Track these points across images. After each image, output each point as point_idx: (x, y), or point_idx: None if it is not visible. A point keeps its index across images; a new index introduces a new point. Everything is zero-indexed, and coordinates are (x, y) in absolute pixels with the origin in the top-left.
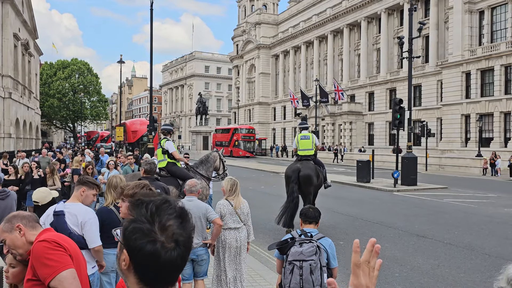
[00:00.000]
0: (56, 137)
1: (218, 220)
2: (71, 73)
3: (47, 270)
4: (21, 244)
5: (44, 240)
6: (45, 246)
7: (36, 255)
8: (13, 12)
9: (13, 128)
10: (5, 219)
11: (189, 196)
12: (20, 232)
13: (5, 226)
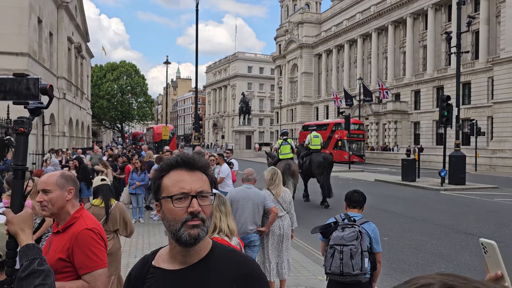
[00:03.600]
0: (105, 137)
1: (274, 208)
2: (119, 75)
3: (87, 261)
4: (60, 205)
5: (92, 229)
6: (92, 237)
7: (81, 243)
8: (67, 17)
9: (67, 127)
10: (61, 174)
11: (247, 184)
12: (68, 195)
13: (60, 181)
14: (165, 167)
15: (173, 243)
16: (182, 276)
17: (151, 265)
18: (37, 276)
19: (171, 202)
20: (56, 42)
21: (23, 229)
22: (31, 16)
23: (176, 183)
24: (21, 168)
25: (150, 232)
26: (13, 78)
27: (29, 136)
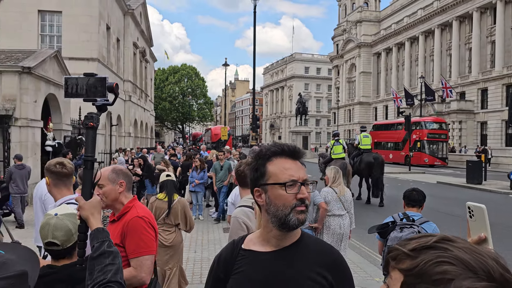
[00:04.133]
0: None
1: (323, 204)
2: (180, 78)
3: (135, 247)
4: (113, 198)
5: (142, 217)
6: (142, 225)
7: (133, 229)
8: (133, 23)
9: (132, 128)
10: (113, 170)
11: None
12: (120, 188)
13: (111, 175)
14: (268, 154)
15: (269, 227)
16: (276, 257)
17: (241, 248)
18: (107, 256)
19: (281, 189)
20: (122, 47)
21: (93, 214)
22: (100, 24)
23: (284, 170)
24: (90, 159)
25: (209, 229)
26: (84, 77)
27: (98, 136)
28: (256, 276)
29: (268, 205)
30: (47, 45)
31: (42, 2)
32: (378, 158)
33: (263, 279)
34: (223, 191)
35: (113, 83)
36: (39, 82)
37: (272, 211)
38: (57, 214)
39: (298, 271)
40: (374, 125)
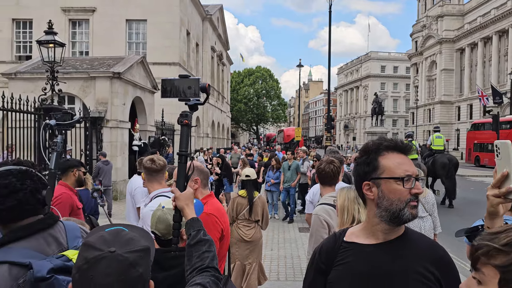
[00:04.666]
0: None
1: None
2: (255, 80)
3: None
4: None
5: (209, 214)
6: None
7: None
8: (211, 28)
9: (210, 129)
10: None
11: None
12: (195, 185)
13: None
14: (381, 148)
15: (376, 221)
16: (381, 249)
17: (343, 240)
18: (203, 244)
19: (396, 183)
20: (201, 51)
21: (188, 205)
22: (181, 30)
23: (399, 165)
24: (184, 154)
25: (284, 228)
26: (179, 79)
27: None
28: (360, 268)
29: (381, 199)
30: (133, 52)
31: (129, 12)
32: (453, 160)
33: (367, 271)
34: (292, 193)
35: (205, 84)
36: (127, 86)
37: (385, 205)
38: (164, 207)
39: (405, 265)
40: (473, 124)
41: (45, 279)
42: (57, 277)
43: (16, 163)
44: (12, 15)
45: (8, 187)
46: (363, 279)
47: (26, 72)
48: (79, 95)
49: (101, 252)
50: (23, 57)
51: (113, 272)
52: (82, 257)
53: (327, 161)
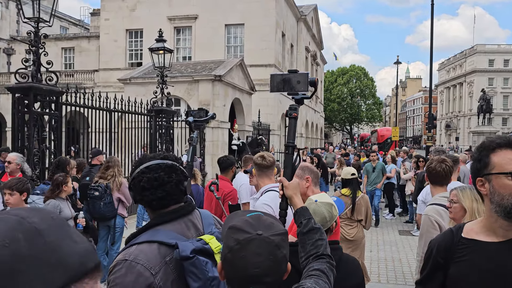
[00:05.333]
0: (335, 138)
1: None
2: (349, 79)
3: None
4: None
5: None
6: None
7: None
8: (305, 29)
9: (304, 129)
10: (300, 166)
11: None
12: (306, 183)
13: (298, 172)
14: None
15: (494, 217)
16: (505, 248)
17: (462, 237)
18: (315, 232)
19: (506, 178)
20: (296, 52)
21: (296, 194)
22: (277, 32)
23: (510, 161)
24: (291, 145)
25: (383, 230)
26: (287, 74)
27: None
28: (486, 265)
29: (492, 194)
30: (231, 55)
31: (228, 17)
32: None
33: (494, 269)
34: (377, 194)
35: (314, 78)
36: (227, 88)
37: (497, 200)
38: (316, 200)
39: None
40: None
41: (188, 258)
42: (198, 257)
43: (163, 158)
44: (126, 26)
45: (158, 180)
46: (488, 277)
47: (138, 78)
48: (184, 97)
49: (250, 234)
50: (135, 63)
51: (263, 252)
52: (232, 239)
53: (438, 160)
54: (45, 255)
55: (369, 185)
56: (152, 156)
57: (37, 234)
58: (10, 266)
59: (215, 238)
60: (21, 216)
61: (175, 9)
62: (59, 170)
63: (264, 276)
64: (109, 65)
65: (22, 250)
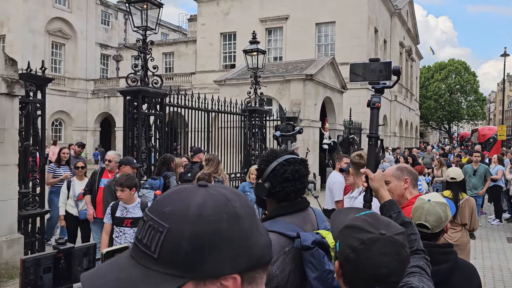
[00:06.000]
0: (432, 138)
1: None
2: (447, 74)
3: None
4: (399, 193)
5: None
6: None
7: None
8: (399, 23)
9: (397, 128)
10: (398, 167)
11: None
12: (405, 185)
13: (396, 173)
14: None
15: None
16: None
17: None
18: (407, 226)
19: None
20: (389, 48)
21: (382, 186)
22: (369, 28)
23: None
24: (374, 136)
25: (489, 236)
26: (368, 63)
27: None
28: None
29: None
30: (322, 54)
31: (319, 16)
32: None
33: None
34: (478, 203)
35: (398, 67)
36: (318, 87)
37: None
38: (430, 200)
39: None
40: None
41: (309, 248)
42: (318, 248)
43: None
44: (221, 30)
45: (298, 173)
46: None
47: (233, 79)
48: (276, 97)
49: (373, 234)
50: (228, 65)
51: (389, 252)
52: (354, 238)
53: None
54: (239, 240)
55: (468, 190)
56: (283, 151)
57: (237, 218)
58: (212, 241)
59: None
60: (227, 197)
61: (267, 10)
62: (164, 167)
63: (390, 275)
64: (205, 68)
65: (223, 230)
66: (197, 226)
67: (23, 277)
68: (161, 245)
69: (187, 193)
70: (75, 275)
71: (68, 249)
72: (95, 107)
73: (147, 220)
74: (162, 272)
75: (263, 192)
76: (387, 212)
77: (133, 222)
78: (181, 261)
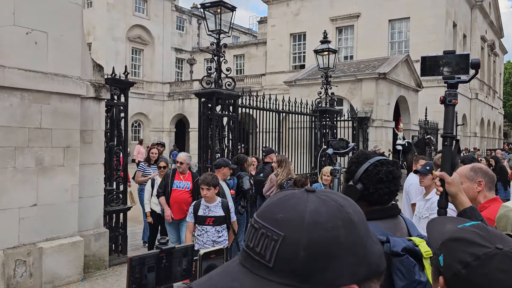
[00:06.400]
0: None
1: None
2: None
3: None
4: (471, 196)
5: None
6: None
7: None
8: (481, 16)
9: (478, 128)
10: (472, 168)
11: None
12: (478, 187)
13: (470, 173)
14: None
15: None
16: None
17: None
18: None
19: None
20: (469, 43)
21: (460, 191)
22: (447, 23)
23: None
24: (450, 136)
25: None
26: (443, 55)
27: None
28: None
29: None
30: (395, 51)
31: (392, 12)
32: None
33: None
34: None
35: (478, 59)
36: (391, 86)
37: None
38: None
39: None
40: None
41: (399, 254)
42: (409, 256)
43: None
44: (290, 30)
45: (392, 174)
46: None
47: (303, 79)
48: (347, 97)
49: (489, 249)
50: (298, 66)
51: (508, 268)
52: (466, 253)
53: None
54: (356, 247)
55: None
56: (373, 152)
57: (353, 225)
58: (329, 250)
59: (425, 243)
60: (340, 203)
61: (337, 9)
62: (238, 167)
63: None
64: (274, 69)
65: (340, 237)
66: (314, 233)
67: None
68: (276, 254)
69: (297, 199)
70: (175, 274)
71: (170, 249)
72: (170, 109)
73: (258, 228)
74: (278, 282)
75: (354, 195)
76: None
77: (215, 221)
78: (297, 270)
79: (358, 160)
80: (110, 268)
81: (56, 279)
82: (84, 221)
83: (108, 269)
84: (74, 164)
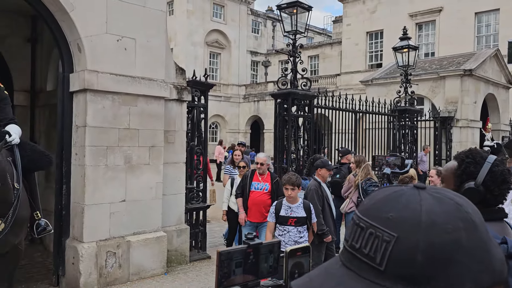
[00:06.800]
0: None
1: None
2: None
3: None
4: None
5: None
6: None
7: None
8: None
9: None
10: None
11: None
12: None
13: None
14: None
15: None
16: None
17: None
18: None
19: None
20: None
21: None
22: None
23: None
24: None
25: None
26: None
27: None
28: None
29: None
30: (482, 46)
31: (479, 4)
32: None
33: None
34: None
35: None
36: (478, 83)
37: None
38: None
39: None
40: None
41: None
42: None
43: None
44: (367, 29)
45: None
46: None
47: (380, 78)
48: (428, 96)
49: None
50: (374, 65)
51: None
52: None
53: None
54: (478, 251)
55: None
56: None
57: (474, 226)
58: (450, 254)
59: None
60: (457, 202)
61: (417, 4)
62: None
63: None
64: (350, 69)
65: (462, 240)
66: (432, 235)
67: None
68: (389, 257)
69: (409, 197)
70: (261, 271)
71: (257, 245)
72: (246, 110)
73: (365, 227)
74: (389, 287)
75: (475, 198)
76: None
77: (297, 222)
78: (413, 275)
79: (475, 159)
80: (191, 263)
81: (142, 271)
82: (167, 217)
83: (189, 264)
84: (159, 163)
